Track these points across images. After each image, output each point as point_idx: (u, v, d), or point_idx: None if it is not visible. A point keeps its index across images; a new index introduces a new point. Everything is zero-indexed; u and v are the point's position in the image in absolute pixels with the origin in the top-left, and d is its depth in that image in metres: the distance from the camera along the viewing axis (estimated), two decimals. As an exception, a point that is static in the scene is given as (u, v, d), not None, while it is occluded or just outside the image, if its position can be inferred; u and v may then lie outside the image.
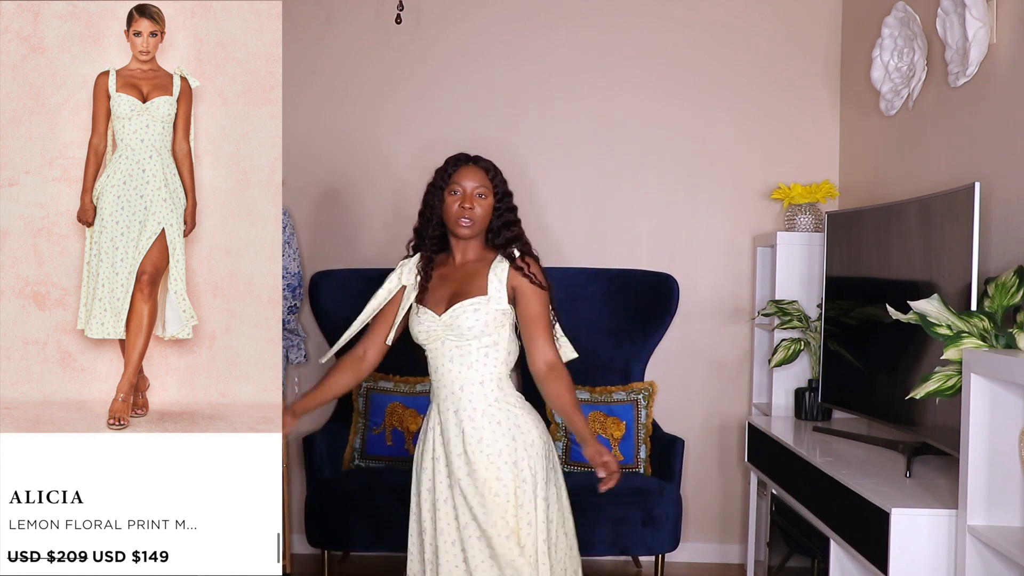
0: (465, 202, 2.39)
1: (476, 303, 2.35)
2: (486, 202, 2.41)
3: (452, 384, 2.39)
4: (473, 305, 2.35)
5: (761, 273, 4.02)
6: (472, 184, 2.40)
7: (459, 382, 2.38)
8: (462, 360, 2.37)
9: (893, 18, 3.28)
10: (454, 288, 2.41)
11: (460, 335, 2.35)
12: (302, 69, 4.15)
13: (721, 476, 4.18)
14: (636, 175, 4.16)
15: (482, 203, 2.40)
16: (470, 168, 2.43)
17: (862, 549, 2.50)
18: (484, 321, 2.34)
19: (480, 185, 2.41)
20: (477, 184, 2.41)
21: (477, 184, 2.41)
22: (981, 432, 2.18)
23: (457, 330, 2.35)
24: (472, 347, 2.36)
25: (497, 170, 2.46)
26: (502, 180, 2.45)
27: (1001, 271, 2.56)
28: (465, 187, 2.40)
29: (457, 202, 2.40)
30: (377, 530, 3.46)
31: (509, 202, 2.45)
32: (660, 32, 4.12)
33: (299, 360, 3.99)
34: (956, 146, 3.02)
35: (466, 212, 2.39)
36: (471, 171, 2.43)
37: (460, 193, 2.40)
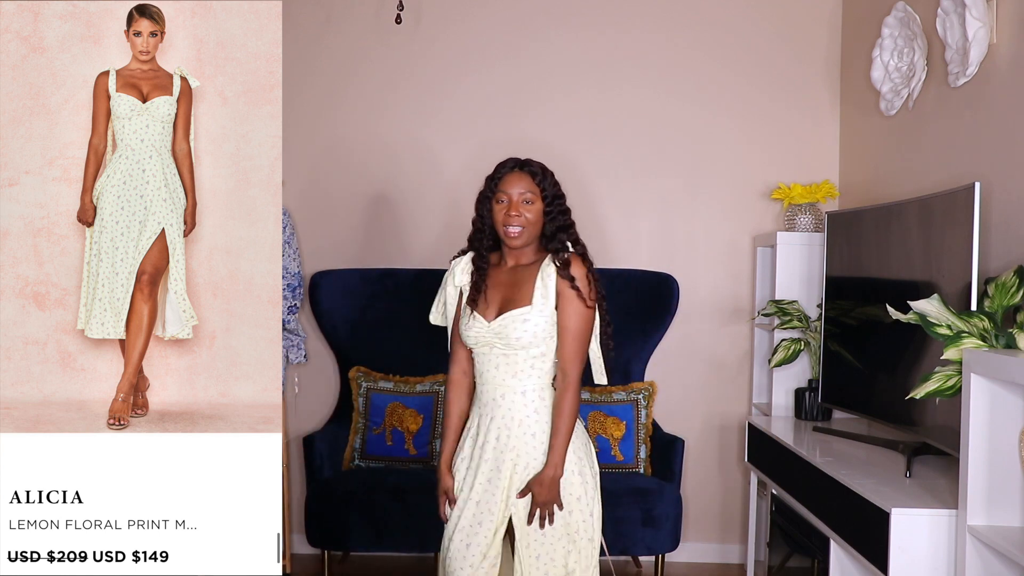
0: (511, 210, 2.31)
1: (524, 313, 2.29)
2: (534, 208, 2.33)
3: (495, 391, 2.33)
4: (522, 315, 2.29)
5: (761, 273, 4.02)
6: (518, 191, 2.32)
7: (501, 390, 2.32)
8: (508, 368, 2.31)
9: (893, 18, 3.28)
10: (505, 294, 2.35)
11: (508, 344, 2.29)
12: (302, 69, 4.15)
13: (721, 476, 4.18)
14: (636, 175, 4.16)
15: (530, 209, 2.32)
16: (515, 174, 2.35)
17: (862, 549, 2.50)
18: (532, 332, 2.28)
19: (527, 191, 2.32)
20: (523, 190, 2.32)
21: (523, 190, 2.32)
22: (981, 432, 2.18)
23: (505, 339, 2.29)
24: (519, 356, 2.30)
25: (546, 173, 2.37)
26: (552, 183, 2.36)
27: (1001, 271, 2.56)
28: (511, 194, 2.32)
29: (503, 211, 2.33)
30: (377, 530, 3.46)
31: (561, 205, 2.36)
32: (660, 32, 4.12)
33: (299, 360, 3.99)
34: (956, 146, 3.02)
35: (513, 220, 2.31)
36: (516, 177, 2.34)
37: (506, 201, 2.33)
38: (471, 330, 2.34)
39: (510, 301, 2.32)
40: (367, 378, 3.83)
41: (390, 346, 3.93)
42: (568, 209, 2.37)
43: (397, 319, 3.96)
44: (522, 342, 2.28)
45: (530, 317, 2.28)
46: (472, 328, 2.33)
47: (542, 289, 2.30)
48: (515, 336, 2.28)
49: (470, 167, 4.15)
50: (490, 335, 2.31)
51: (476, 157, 4.15)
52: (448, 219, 4.16)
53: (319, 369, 4.16)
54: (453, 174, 4.16)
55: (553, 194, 2.35)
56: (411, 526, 3.42)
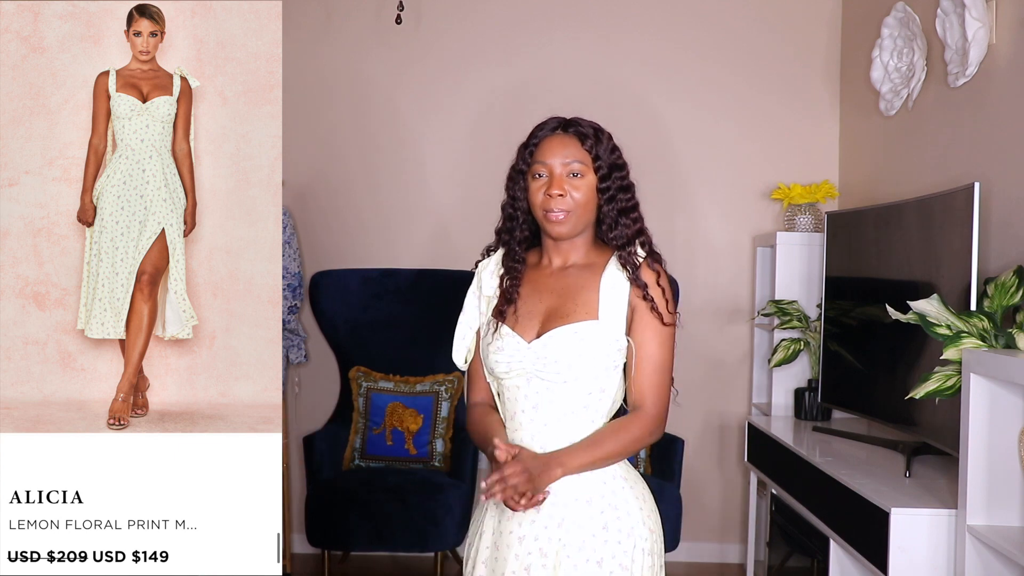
0: (553, 187, 1.70)
1: (581, 329, 1.67)
2: (584, 182, 1.72)
3: (531, 440, 1.70)
4: (577, 333, 1.67)
5: (761, 273, 4.03)
6: (562, 160, 1.71)
7: (540, 439, 1.69)
8: (551, 409, 1.68)
9: (893, 18, 3.29)
10: (551, 304, 1.72)
11: (556, 373, 1.67)
12: (302, 69, 4.15)
13: (721, 476, 4.18)
14: (636, 175, 4.14)
15: (578, 185, 1.71)
16: (557, 138, 1.73)
17: (862, 549, 2.50)
18: (591, 356, 1.66)
19: (574, 160, 1.72)
20: (569, 159, 1.72)
21: (569, 159, 1.72)
22: (981, 432, 2.18)
23: (553, 366, 1.66)
24: (569, 392, 1.68)
25: (601, 136, 1.77)
26: (610, 148, 1.76)
27: (1001, 271, 2.56)
28: (552, 166, 1.71)
29: (542, 189, 1.71)
30: (377, 530, 3.46)
31: (622, 179, 1.75)
32: (660, 32, 4.13)
33: (299, 360, 4.00)
34: (955, 146, 3.02)
35: (555, 201, 1.70)
36: (559, 142, 1.73)
37: (546, 176, 1.72)
38: (502, 352, 1.70)
39: (558, 314, 1.70)
40: (367, 378, 3.84)
41: (390, 346, 3.93)
42: (631, 185, 1.77)
43: (397, 319, 3.96)
44: (574, 371, 1.66)
45: (589, 335, 1.66)
46: (504, 350, 1.70)
47: (611, 300, 1.70)
48: (567, 362, 1.66)
49: (470, 167, 4.15)
50: (530, 360, 1.69)
51: (476, 157, 4.15)
52: (448, 219, 4.16)
53: (319, 369, 4.16)
54: (454, 174, 4.17)
55: (611, 163, 1.75)
56: (411, 526, 3.43)
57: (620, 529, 1.69)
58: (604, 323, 1.68)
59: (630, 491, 1.74)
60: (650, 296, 1.70)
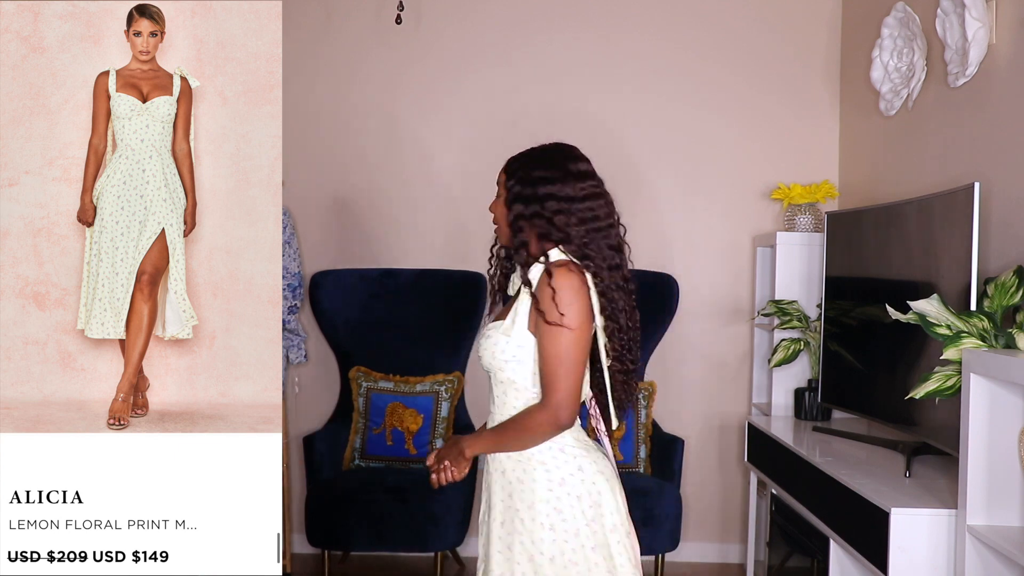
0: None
1: (490, 330, 1.93)
2: (499, 200, 1.97)
3: (491, 423, 1.99)
4: (487, 333, 1.93)
5: (761, 273, 4.03)
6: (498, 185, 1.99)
7: (491, 423, 1.99)
8: (490, 397, 1.99)
9: (893, 18, 3.29)
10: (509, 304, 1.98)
11: (481, 368, 1.97)
12: (302, 69, 4.15)
13: (721, 476, 4.18)
14: (636, 175, 4.16)
15: (496, 203, 1.98)
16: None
17: (862, 549, 2.50)
18: (492, 353, 1.90)
19: (499, 184, 1.98)
20: (499, 183, 1.98)
21: (499, 183, 1.98)
22: (981, 432, 2.18)
23: (479, 362, 1.97)
24: (491, 382, 1.96)
25: (524, 157, 1.94)
26: (524, 165, 1.91)
27: (1000, 271, 2.56)
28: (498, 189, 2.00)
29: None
30: (377, 530, 3.46)
31: (521, 191, 1.89)
32: (660, 32, 4.13)
33: (299, 360, 4.00)
34: (955, 146, 3.02)
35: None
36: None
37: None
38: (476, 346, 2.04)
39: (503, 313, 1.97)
40: (367, 378, 3.84)
41: (390, 346, 3.94)
42: (537, 196, 1.87)
43: (397, 319, 3.96)
44: (484, 362, 1.93)
45: (495, 333, 1.91)
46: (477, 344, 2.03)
47: (523, 304, 1.89)
48: (479, 355, 1.94)
49: (470, 167, 4.15)
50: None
51: (476, 157, 4.15)
52: (448, 219, 4.16)
53: (319, 369, 4.16)
54: (453, 174, 4.17)
55: (518, 178, 1.89)
56: (411, 526, 3.43)
57: (523, 500, 1.89)
58: (508, 323, 1.89)
59: (544, 474, 1.89)
60: (534, 293, 1.86)
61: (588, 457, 1.92)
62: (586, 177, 1.91)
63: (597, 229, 1.90)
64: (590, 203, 1.90)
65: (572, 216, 1.88)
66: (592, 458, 1.92)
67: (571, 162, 1.91)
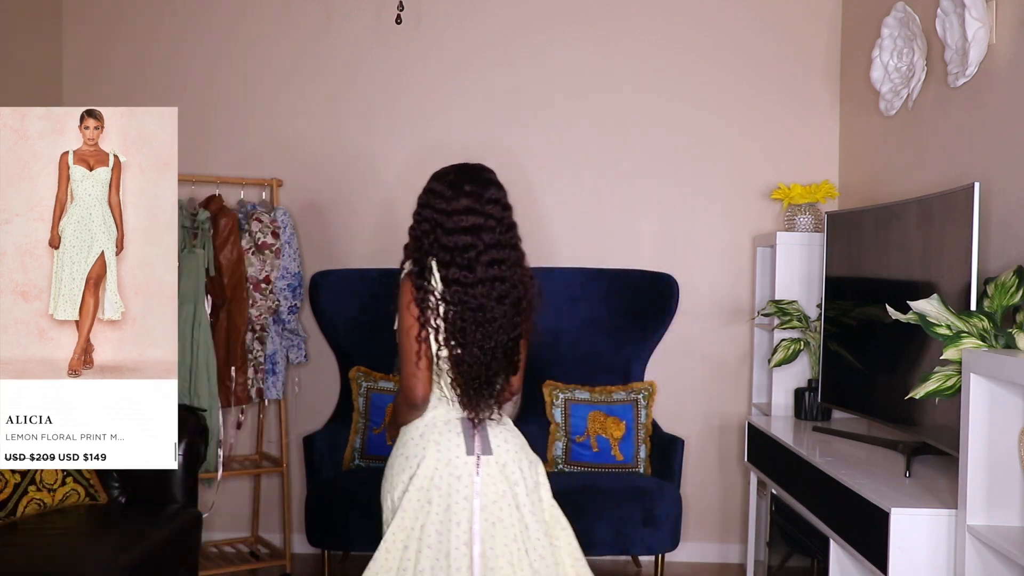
0: None
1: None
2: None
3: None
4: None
5: (761, 273, 4.03)
6: None
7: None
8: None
9: (893, 18, 3.29)
10: None
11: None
12: (302, 69, 4.16)
13: (721, 476, 4.18)
14: (636, 175, 4.16)
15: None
16: None
17: (862, 549, 2.50)
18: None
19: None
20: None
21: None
22: (981, 432, 2.18)
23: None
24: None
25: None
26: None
27: (1001, 271, 2.56)
28: None
29: None
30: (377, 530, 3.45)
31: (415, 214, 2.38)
32: (660, 33, 4.13)
33: (299, 360, 4.00)
34: (955, 146, 3.02)
35: None
36: None
37: None
38: None
39: None
40: (367, 378, 3.84)
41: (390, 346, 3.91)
42: (416, 215, 2.33)
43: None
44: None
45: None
46: None
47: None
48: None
49: (470, 167, 4.15)
50: None
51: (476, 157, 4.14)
52: (448, 219, 4.16)
53: (319, 369, 4.16)
54: (453, 174, 4.16)
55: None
56: (411, 526, 3.42)
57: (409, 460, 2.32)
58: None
59: (393, 451, 2.37)
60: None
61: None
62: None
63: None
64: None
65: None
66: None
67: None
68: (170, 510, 3.18)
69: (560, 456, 3.75)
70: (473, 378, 2.25)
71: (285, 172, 4.13)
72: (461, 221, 2.23)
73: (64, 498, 3.16)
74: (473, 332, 2.23)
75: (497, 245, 2.24)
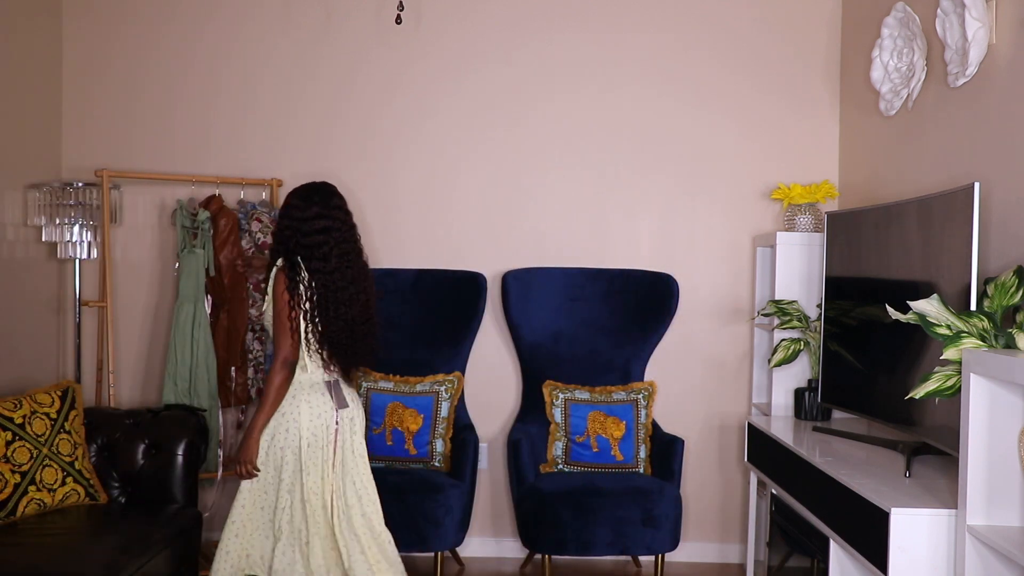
0: None
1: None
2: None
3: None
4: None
5: (761, 273, 4.03)
6: None
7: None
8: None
9: (893, 18, 3.29)
10: None
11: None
12: (302, 69, 4.15)
13: (721, 476, 4.18)
14: (636, 176, 4.16)
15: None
16: None
17: (862, 549, 2.50)
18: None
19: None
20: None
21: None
22: (981, 432, 2.18)
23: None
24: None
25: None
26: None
27: (1000, 271, 2.56)
28: None
29: None
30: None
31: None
32: (660, 33, 4.13)
33: (299, 360, 3.99)
34: (955, 146, 3.02)
35: None
36: None
37: None
38: None
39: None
40: (367, 378, 3.84)
41: (390, 346, 3.93)
42: (281, 229, 2.93)
43: (397, 319, 3.96)
44: (266, 322, 3.02)
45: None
46: None
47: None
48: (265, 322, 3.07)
49: (470, 167, 4.15)
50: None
51: (476, 157, 4.16)
52: (447, 219, 4.16)
53: (319, 369, 4.15)
54: (453, 174, 4.17)
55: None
56: (411, 526, 3.43)
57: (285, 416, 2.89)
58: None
59: (292, 401, 2.88)
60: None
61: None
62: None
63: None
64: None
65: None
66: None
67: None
68: (170, 510, 3.18)
69: (560, 456, 3.75)
70: (338, 344, 2.84)
71: (285, 172, 4.13)
72: (314, 224, 2.84)
73: (64, 498, 3.08)
74: (336, 308, 2.83)
75: (343, 241, 2.88)
